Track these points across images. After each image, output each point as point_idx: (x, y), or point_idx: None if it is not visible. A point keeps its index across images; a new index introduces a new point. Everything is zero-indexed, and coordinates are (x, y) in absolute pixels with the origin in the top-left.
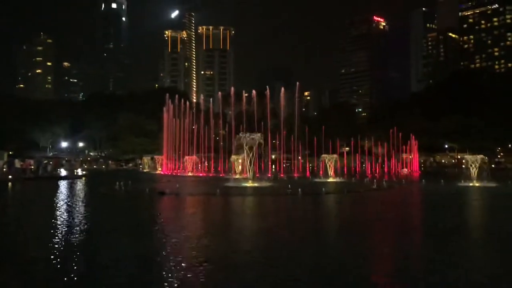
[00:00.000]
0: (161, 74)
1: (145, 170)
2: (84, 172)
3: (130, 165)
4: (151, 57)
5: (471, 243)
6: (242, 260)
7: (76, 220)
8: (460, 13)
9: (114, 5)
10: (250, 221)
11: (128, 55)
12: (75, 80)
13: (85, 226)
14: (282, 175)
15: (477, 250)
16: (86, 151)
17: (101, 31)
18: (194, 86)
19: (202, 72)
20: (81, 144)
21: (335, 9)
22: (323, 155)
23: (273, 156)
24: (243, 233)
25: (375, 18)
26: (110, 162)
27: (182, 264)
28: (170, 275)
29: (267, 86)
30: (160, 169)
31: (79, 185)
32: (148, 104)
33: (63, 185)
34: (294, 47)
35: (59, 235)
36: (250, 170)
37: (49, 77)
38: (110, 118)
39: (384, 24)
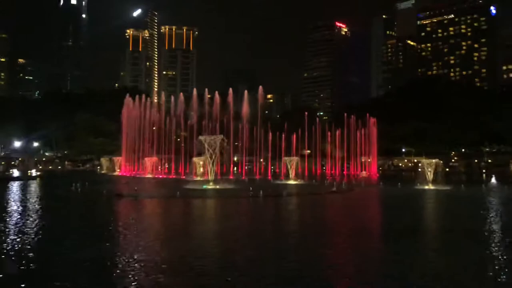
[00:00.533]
0: (122, 74)
1: (103, 171)
2: (38, 173)
3: (88, 166)
4: (111, 56)
5: (424, 244)
6: (197, 264)
7: (26, 224)
8: (418, 22)
9: (73, 1)
10: (208, 224)
11: (88, 53)
12: (31, 78)
13: (35, 230)
14: (243, 177)
15: (429, 250)
16: (41, 151)
17: (59, 27)
18: (156, 86)
19: (164, 72)
20: (35, 144)
21: (299, 13)
22: (284, 158)
23: (235, 158)
24: (200, 237)
25: (337, 24)
26: (66, 162)
27: (136, 268)
28: (122, 279)
29: (230, 88)
30: (118, 170)
31: (33, 186)
32: (107, 104)
33: (15, 186)
34: (258, 49)
35: (6, 239)
36: (211, 172)
37: (2, 74)
38: (67, 117)
39: (346, 30)
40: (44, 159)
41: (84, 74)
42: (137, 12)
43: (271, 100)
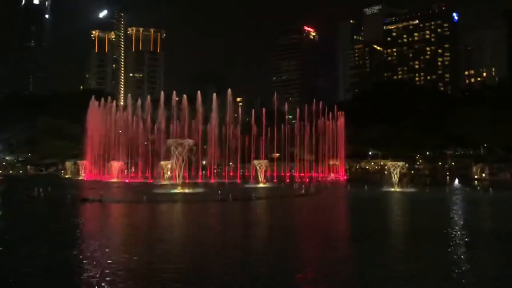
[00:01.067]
0: (87, 76)
1: (67, 176)
2: None
3: (51, 170)
4: (76, 57)
5: (389, 245)
6: (160, 270)
7: None
8: (384, 27)
9: (36, 1)
10: (173, 229)
11: (51, 54)
12: None
13: None
14: (212, 180)
15: (393, 251)
16: (1, 155)
17: (21, 28)
18: (122, 89)
19: (131, 75)
20: None
21: (268, 17)
22: (254, 161)
23: (204, 162)
24: (166, 242)
25: (306, 28)
26: (28, 167)
27: (97, 275)
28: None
29: (199, 91)
30: (83, 174)
31: None
32: (71, 107)
33: None
34: (227, 53)
35: None
36: (179, 176)
37: None
38: (29, 120)
39: (314, 34)
40: (4, 163)
41: (47, 75)
42: (103, 13)
43: (241, 104)
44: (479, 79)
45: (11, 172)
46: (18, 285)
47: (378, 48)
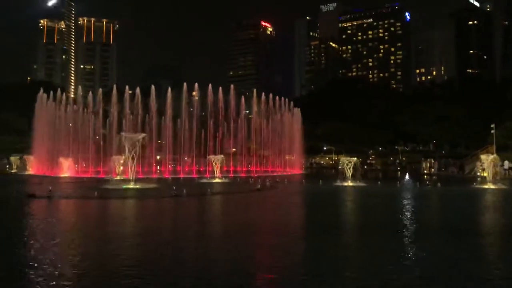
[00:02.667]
0: (35, 67)
1: (13, 171)
2: None
3: None
4: (23, 47)
5: (342, 239)
6: (112, 270)
7: None
8: (340, 24)
9: None
10: (125, 226)
11: None
12: None
13: None
14: (167, 175)
15: (345, 245)
16: None
17: None
18: (73, 81)
19: (82, 66)
20: None
21: (226, 10)
22: (209, 156)
23: (158, 157)
24: (116, 239)
25: (263, 23)
26: None
27: (45, 276)
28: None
29: (153, 85)
30: (30, 169)
31: None
32: (18, 99)
33: None
34: (183, 46)
35: None
36: (132, 171)
37: None
38: None
39: (271, 29)
40: None
41: None
42: (52, 2)
43: (196, 98)
44: (429, 77)
45: None
46: None
47: (334, 45)
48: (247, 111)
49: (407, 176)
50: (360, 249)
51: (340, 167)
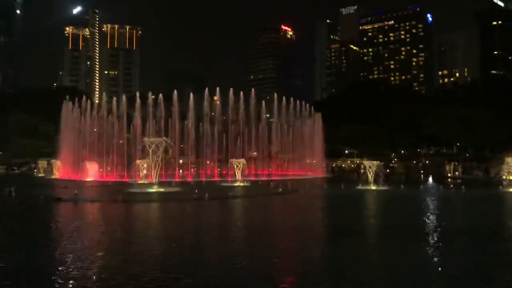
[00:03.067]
0: (60, 73)
1: (40, 175)
2: None
3: (24, 169)
4: (49, 54)
5: (365, 241)
6: (137, 272)
7: None
8: (360, 27)
9: None
10: (149, 229)
11: (22, 50)
12: None
13: None
14: (189, 179)
15: (370, 247)
16: None
17: None
18: (97, 87)
19: (106, 72)
20: None
21: (247, 15)
22: (231, 160)
23: (181, 161)
24: (141, 242)
25: (283, 27)
26: None
27: (69, 277)
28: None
29: (175, 90)
30: (57, 173)
31: None
32: (45, 104)
33: None
34: (204, 51)
35: None
36: (155, 175)
37: None
38: None
39: (291, 33)
40: None
41: (17, 72)
42: (77, 10)
43: (218, 102)
44: (452, 79)
45: None
46: None
47: (354, 48)
48: (268, 115)
49: (430, 180)
50: (383, 254)
51: (362, 171)
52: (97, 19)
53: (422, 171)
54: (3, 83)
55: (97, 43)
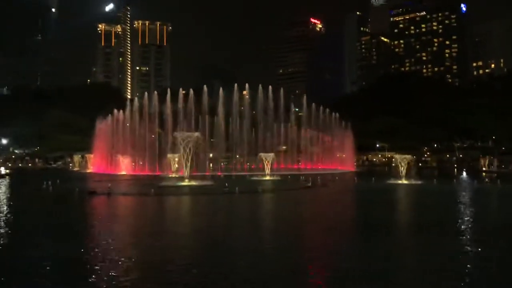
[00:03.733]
0: (94, 69)
1: (75, 169)
2: (8, 171)
3: (60, 163)
4: (83, 51)
5: (400, 238)
6: (170, 263)
7: None
8: (391, 19)
9: None
10: (181, 222)
11: (58, 48)
12: None
13: (5, 229)
14: (219, 173)
15: (403, 243)
16: (11, 149)
17: (28, 22)
18: (129, 82)
19: (137, 68)
20: (4, 141)
21: (275, 9)
22: (260, 154)
23: (211, 155)
24: (173, 234)
25: (312, 20)
26: (37, 160)
27: (104, 268)
28: (88, 279)
29: (205, 85)
30: (91, 167)
31: (2, 184)
32: (79, 100)
33: None
34: (233, 45)
35: None
36: (187, 169)
37: None
38: (36, 114)
39: (320, 26)
40: (13, 156)
41: (54, 69)
42: (109, 7)
43: (247, 96)
44: (487, 70)
45: (20, 165)
46: (33, 273)
47: (385, 39)
48: (297, 109)
49: (464, 174)
50: (414, 250)
51: (393, 164)
52: (129, 15)
53: (455, 165)
54: (41, 80)
55: (128, 39)
